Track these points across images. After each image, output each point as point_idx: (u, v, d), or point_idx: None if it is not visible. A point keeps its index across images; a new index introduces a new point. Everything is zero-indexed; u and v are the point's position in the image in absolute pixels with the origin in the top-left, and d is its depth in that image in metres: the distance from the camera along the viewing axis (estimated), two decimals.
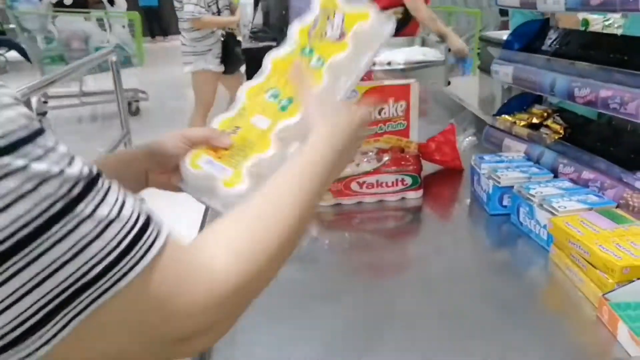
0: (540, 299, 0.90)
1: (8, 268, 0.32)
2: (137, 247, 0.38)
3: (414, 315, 0.84)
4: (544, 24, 1.40)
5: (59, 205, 0.34)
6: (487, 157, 1.20)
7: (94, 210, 0.36)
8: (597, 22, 2.64)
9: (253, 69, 2.06)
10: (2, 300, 0.32)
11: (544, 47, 1.33)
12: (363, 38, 0.74)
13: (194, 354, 0.44)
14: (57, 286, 0.34)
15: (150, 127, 5.93)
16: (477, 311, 0.84)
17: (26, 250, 0.33)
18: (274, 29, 2.03)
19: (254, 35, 2.17)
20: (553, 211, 0.96)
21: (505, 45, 1.44)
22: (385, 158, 1.20)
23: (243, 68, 3.44)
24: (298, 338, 0.79)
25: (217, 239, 0.46)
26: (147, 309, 0.39)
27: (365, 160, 1.20)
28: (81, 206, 0.35)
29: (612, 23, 2.46)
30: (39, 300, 0.33)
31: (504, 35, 1.73)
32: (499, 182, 1.09)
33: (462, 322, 0.81)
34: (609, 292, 0.78)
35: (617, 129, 1.15)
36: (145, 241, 0.38)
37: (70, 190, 0.35)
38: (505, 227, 1.09)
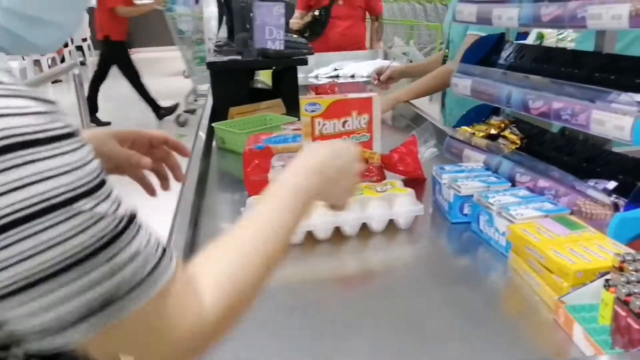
0: (500, 303, 0.94)
1: (63, 280, 0.41)
2: (155, 273, 0.46)
3: (379, 323, 0.85)
4: (500, 39, 1.45)
5: (106, 238, 0.43)
6: (447, 167, 1.23)
7: (130, 242, 0.45)
8: (552, 36, 2.74)
9: (218, 82, 2.07)
10: (61, 309, 0.42)
11: (500, 61, 1.38)
12: None
13: None
14: (95, 299, 0.42)
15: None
16: (440, 317, 0.86)
17: (78, 267, 0.42)
18: (239, 42, 2.05)
19: (219, 49, 2.18)
20: (511, 219, 0.99)
21: (464, 59, 1.48)
22: None
23: None
24: (265, 350, 0.80)
25: (209, 270, 0.54)
26: (148, 327, 0.47)
27: None
28: (122, 239, 0.44)
29: (565, 36, 2.56)
30: (81, 305, 0.42)
31: None
32: (459, 192, 1.13)
33: (426, 328, 0.84)
34: (564, 295, 0.82)
35: (571, 139, 1.21)
36: (162, 268, 0.47)
37: (116, 226, 0.44)
38: (466, 235, 1.12)
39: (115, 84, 9.11)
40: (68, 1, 0.54)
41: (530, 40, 2.83)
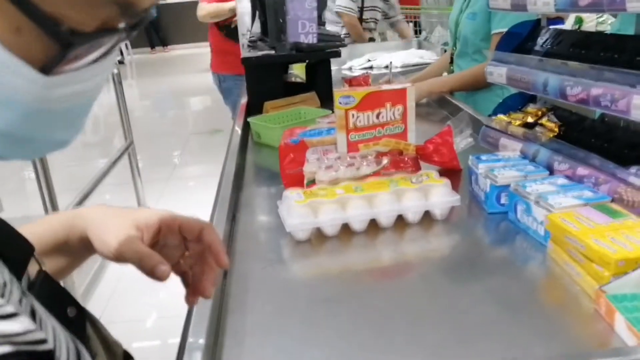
0: (539, 293, 0.93)
1: None
2: None
3: (417, 315, 0.86)
4: (535, 25, 1.42)
5: None
6: (484, 157, 1.22)
7: None
8: (591, 20, 2.67)
9: (252, 77, 2.09)
10: None
11: (536, 48, 1.36)
12: None
13: None
14: None
15: (153, 136, 5.97)
16: (479, 308, 0.86)
17: None
18: (272, 37, 2.06)
19: (253, 44, 2.20)
20: (549, 208, 0.98)
21: (499, 46, 1.46)
22: (384, 161, 1.23)
23: None
24: (305, 341, 0.81)
25: None
26: None
27: (364, 164, 1.22)
28: None
29: (605, 20, 2.49)
30: None
31: None
32: (496, 181, 1.12)
33: (465, 320, 0.83)
34: (605, 284, 0.81)
35: (610, 126, 1.18)
36: None
37: None
38: (504, 225, 1.11)
39: (153, 82, 9.28)
40: (67, 121, 0.45)
41: (569, 25, 2.76)
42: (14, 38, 0.37)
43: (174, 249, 0.67)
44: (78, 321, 0.53)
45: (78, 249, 0.68)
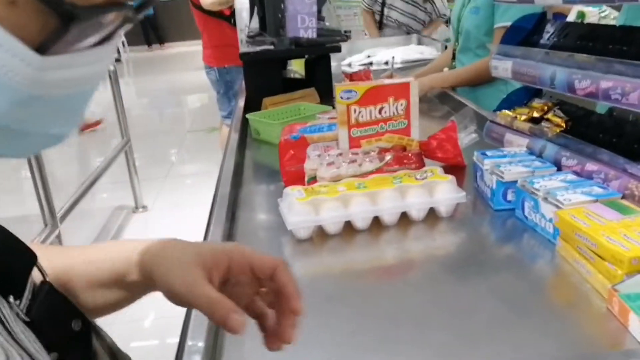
0: (548, 292, 0.90)
1: None
2: None
3: (422, 313, 0.83)
4: (541, 18, 1.39)
5: None
6: (489, 153, 1.19)
7: None
8: (593, 15, 2.65)
9: (251, 72, 2.06)
10: None
11: (542, 41, 1.33)
12: None
13: None
14: None
15: (150, 134, 5.94)
16: (487, 307, 0.83)
17: None
18: (271, 32, 2.03)
19: (251, 39, 2.17)
20: (558, 204, 0.95)
21: (503, 40, 1.43)
22: (388, 157, 1.20)
23: None
24: (308, 339, 0.79)
25: None
26: None
27: (367, 160, 1.19)
28: None
29: (607, 14, 2.47)
30: None
31: None
32: (502, 177, 1.09)
33: (472, 318, 0.81)
34: (618, 283, 0.78)
35: (619, 120, 1.15)
36: None
37: None
38: (510, 222, 1.08)
39: (150, 79, 9.25)
40: (63, 112, 0.41)
41: (571, 20, 2.74)
42: (7, 11, 0.33)
43: (247, 287, 0.58)
44: (83, 334, 0.51)
45: (137, 286, 0.58)
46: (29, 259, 0.48)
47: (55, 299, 0.49)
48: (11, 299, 0.44)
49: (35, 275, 0.49)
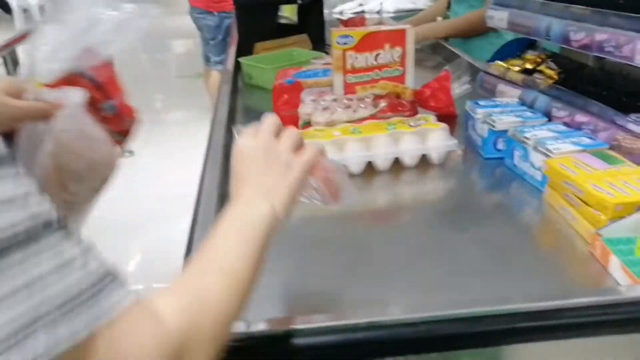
0: (534, 237, 0.94)
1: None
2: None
3: (414, 254, 0.86)
4: None
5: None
6: (482, 102, 1.21)
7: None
8: None
9: (243, 16, 2.03)
10: None
11: None
12: None
13: None
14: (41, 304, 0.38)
15: (135, 80, 5.82)
16: (475, 249, 0.86)
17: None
18: None
19: None
20: (548, 153, 0.98)
21: None
22: (382, 104, 1.21)
23: None
24: (296, 283, 0.81)
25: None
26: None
27: (362, 106, 1.20)
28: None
29: None
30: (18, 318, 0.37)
31: None
32: (494, 127, 1.11)
33: (459, 261, 0.84)
34: (602, 228, 0.82)
35: (610, 73, 1.17)
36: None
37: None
38: (500, 170, 1.11)
39: None
40: None
41: None
42: None
43: None
44: None
45: None
46: None
47: None
48: None
49: None
